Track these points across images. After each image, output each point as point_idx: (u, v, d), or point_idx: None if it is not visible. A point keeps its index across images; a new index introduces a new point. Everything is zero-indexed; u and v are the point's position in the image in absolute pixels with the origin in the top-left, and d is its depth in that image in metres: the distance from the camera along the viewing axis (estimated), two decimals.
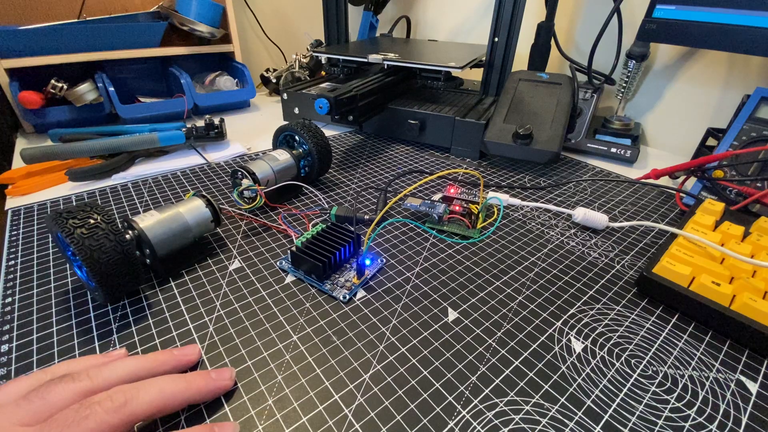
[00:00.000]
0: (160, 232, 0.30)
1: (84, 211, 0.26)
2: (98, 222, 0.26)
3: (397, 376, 0.24)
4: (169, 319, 0.27)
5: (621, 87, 0.65)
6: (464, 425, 0.21)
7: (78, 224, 0.25)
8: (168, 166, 0.50)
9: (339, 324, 0.28)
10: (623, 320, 0.29)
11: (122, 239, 0.26)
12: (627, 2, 0.57)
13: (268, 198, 0.38)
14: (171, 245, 0.31)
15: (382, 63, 0.60)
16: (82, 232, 0.25)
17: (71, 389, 0.19)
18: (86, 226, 0.25)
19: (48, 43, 0.57)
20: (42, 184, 0.44)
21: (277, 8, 0.93)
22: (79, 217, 0.25)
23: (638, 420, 0.22)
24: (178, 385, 0.21)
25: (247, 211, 0.39)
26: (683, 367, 0.25)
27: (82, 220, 0.25)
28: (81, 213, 0.26)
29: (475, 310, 0.29)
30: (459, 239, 0.37)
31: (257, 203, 0.37)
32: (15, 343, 0.25)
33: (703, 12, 0.47)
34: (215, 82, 0.73)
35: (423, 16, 0.93)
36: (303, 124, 0.43)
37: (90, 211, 0.26)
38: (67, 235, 0.24)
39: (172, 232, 0.31)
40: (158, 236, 0.30)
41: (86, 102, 0.57)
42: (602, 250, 0.36)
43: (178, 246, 0.32)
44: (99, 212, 0.26)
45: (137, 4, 0.72)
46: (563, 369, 0.25)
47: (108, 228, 0.26)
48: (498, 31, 0.57)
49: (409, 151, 0.57)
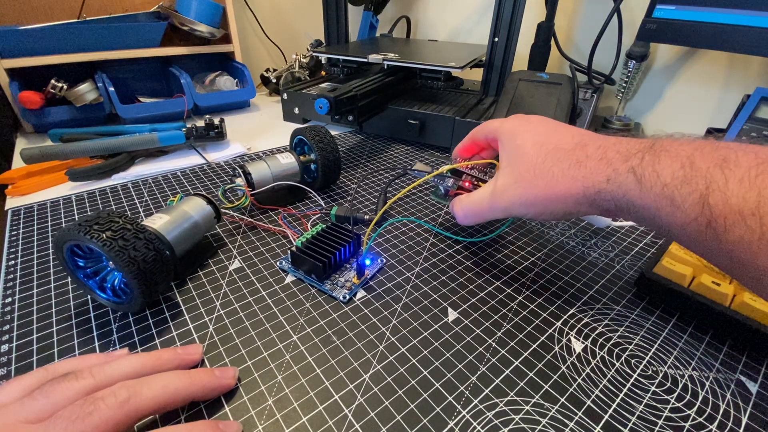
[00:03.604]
0: (175, 231, 0.30)
1: (102, 217, 0.25)
2: (123, 224, 0.25)
3: (397, 376, 0.24)
4: (169, 319, 0.27)
5: (621, 87, 0.65)
6: (464, 425, 0.21)
7: (104, 228, 0.24)
8: (168, 166, 0.50)
9: (339, 324, 0.28)
10: (623, 320, 0.29)
11: (151, 236, 0.26)
12: (627, 2, 0.57)
13: (261, 200, 0.38)
14: (187, 244, 0.31)
15: (382, 63, 0.60)
16: (111, 235, 0.24)
17: (75, 387, 0.19)
18: (113, 229, 0.24)
19: (48, 43, 0.57)
20: (42, 184, 0.44)
21: (277, 8, 0.93)
22: (101, 222, 0.24)
23: (638, 420, 0.22)
24: (182, 381, 0.21)
25: (232, 210, 0.39)
26: (683, 367, 0.25)
27: (105, 224, 0.24)
28: (101, 219, 0.25)
29: (475, 310, 0.29)
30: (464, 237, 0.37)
31: (241, 203, 0.37)
32: (15, 343, 0.25)
33: (703, 12, 0.47)
34: (215, 82, 0.73)
35: (423, 16, 0.93)
36: (316, 132, 0.42)
37: (109, 216, 0.25)
38: (97, 241, 0.23)
39: (185, 231, 0.31)
40: (174, 236, 0.30)
41: (86, 102, 0.57)
42: (602, 250, 0.36)
43: (192, 244, 0.32)
44: (119, 215, 0.26)
45: (137, 4, 0.72)
46: (563, 369, 0.25)
47: (134, 228, 0.25)
48: (498, 31, 0.57)
49: (409, 151, 0.57)
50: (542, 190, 0.25)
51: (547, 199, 0.25)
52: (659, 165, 0.20)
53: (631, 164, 0.22)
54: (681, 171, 0.19)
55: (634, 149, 0.22)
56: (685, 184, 0.19)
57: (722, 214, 0.18)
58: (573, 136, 0.26)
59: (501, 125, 0.30)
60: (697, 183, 0.19)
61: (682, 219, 0.19)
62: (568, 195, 0.24)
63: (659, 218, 0.21)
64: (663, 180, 0.20)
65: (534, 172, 0.26)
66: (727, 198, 0.18)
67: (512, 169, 0.27)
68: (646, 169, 0.21)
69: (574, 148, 0.25)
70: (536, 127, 0.28)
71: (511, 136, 0.29)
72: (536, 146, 0.27)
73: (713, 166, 0.19)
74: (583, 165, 0.24)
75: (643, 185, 0.21)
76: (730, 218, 0.18)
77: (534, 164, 0.26)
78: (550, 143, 0.26)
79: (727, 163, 0.18)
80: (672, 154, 0.20)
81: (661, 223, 0.21)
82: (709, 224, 0.18)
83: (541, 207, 0.26)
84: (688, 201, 0.19)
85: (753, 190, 0.17)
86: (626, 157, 0.22)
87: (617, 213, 0.23)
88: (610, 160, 0.23)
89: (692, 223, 0.19)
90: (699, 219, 0.19)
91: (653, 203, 0.20)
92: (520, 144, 0.27)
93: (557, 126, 0.28)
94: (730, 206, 0.17)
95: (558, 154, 0.25)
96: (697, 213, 0.19)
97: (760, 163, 0.18)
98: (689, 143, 0.20)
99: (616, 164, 0.22)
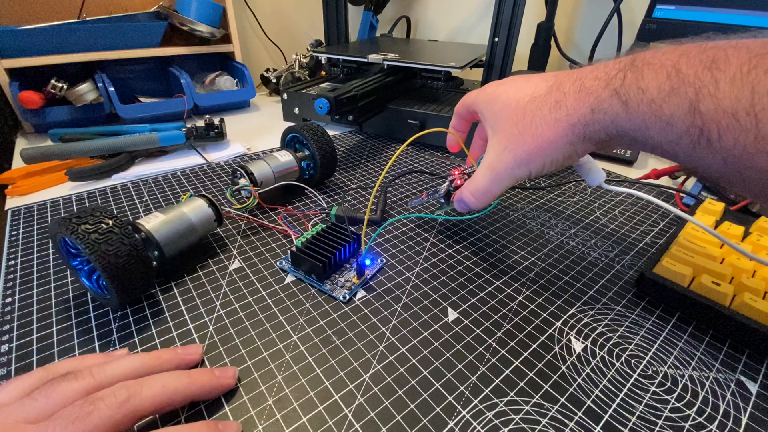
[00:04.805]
0: (167, 233, 0.30)
1: (94, 216, 0.26)
2: (111, 227, 0.25)
3: (397, 376, 0.24)
4: (169, 319, 0.27)
5: None
6: (464, 425, 0.21)
7: (91, 229, 0.24)
8: (168, 166, 0.50)
9: (339, 324, 0.28)
10: (623, 320, 0.29)
11: (136, 242, 0.26)
12: (627, 2, 0.57)
13: (264, 199, 0.38)
14: (178, 246, 0.31)
15: (382, 63, 0.60)
16: (97, 238, 0.24)
17: (75, 387, 0.19)
18: (100, 231, 0.25)
19: (48, 43, 0.57)
20: (42, 184, 0.44)
21: (277, 8, 0.93)
22: (90, 222, 0.25)
23: (638, 420, 0.22)
24: (182, 381, 0.21)
25: (242, 211, 0.39)
26: (683, 367, 0.25)
27: (94, 225, 0.25)
28: (92, 218, 0.25)
29: (475, 310, 0.29)
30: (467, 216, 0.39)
31: (250, 203, 0.37)
32: (15, 343, 0.25)
33: (703, 12, 0.47)
34: (215, 82, 0.73)
35: (423, 16, 0.93)
36: (309, 127, 0.43)
37: (101, 216, 0.26)
38: (81, 241, 0.24)
39: (178, 233, 0.31)
40: (165, 237, 0.30)
41: (86, 102, 0.57)
42: (602, 250, 0.36)
43: (185, 246, 0.32)
44: (109, 216, 0.26)
45: (137, 4, 0.72)
46: (563, 369, 0.25)
47: (121, 232, 0.25)
48: (498, 31, 0.57)
49: (409, 151, 0.57)
50: (531, 144, 0.24)
51: (539, 150, 0.24)
52: (643, 81, 0.19)
53: (614, 87, 0.20)
54: (667, 82, 0.18)
55: (613, 70, 0.21)
56: (673, 95, 0.18)
57: (714, 120, 0.16)
58: (547, 79, 0.25)
59: (477, 97, 0.29)
60: (685, 91, 0.17)
61: (674, 133, 0.18)
62: (557, 139, 0.23)
63: (651, 137, 0.19)
64: (649, 96, 0.18)
65: (518, 129, 0.25)
66: (718, 101, 0.16)
67: (498, 136, 0.26)
68: (630, 88, 0.19)
69: (549, 91, 0.24)
70: (508, 86, 0.27)
71: (487, 105, 0.28)
72: (513, 104, 0.26)
73: (701, 69, 0.17)
74: (562, 104, 0.23)
75: (629, 106, 0.19)
76: (723, 122, 0.16)
77: (515, 122, 0.25)
78: (525, 95, 0.25)
79: (716, 64, 0.17)
80: (656, 66, 0.19)
81: (654, 142, 0.19)
82: (702, 133, 0.17)
83: (538, 161, 0.25)
84: (677, 113, 0.17)
85: (746, 88, 0.15)
86: (606, 81, 0.21)
87: (611, 142, 0.22)
88: (590, 90, 0.21)
89: (684, 136, 0.18)
90: (691, 130, 0.17)
91: (642, 122, 0.19)
92: (497, 109, 0.27)
93: (529, 77, 0.27)
94: (723, 109, 0.16)
95: (535, 103, 0.24)
96: (688, 124, 0.17)
97: (752, 57, 0.16)
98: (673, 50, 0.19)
99: (597, 92, 0.21)
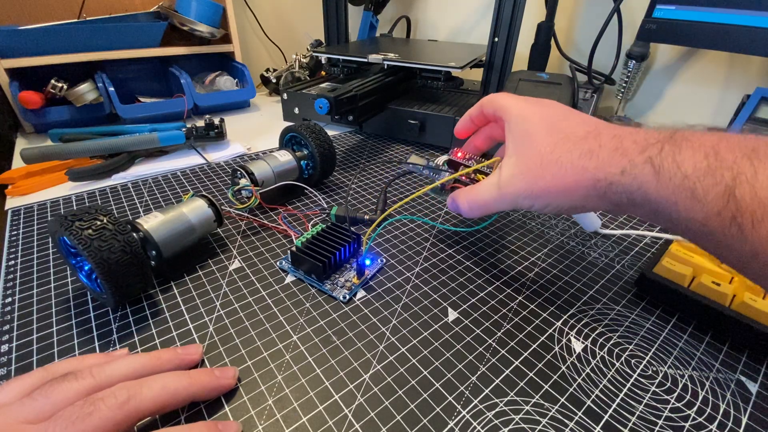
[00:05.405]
0: (166, 233, 0.30)
1: (89, 213, 0.26)
2: (105, 223, 0.25)
3: (397, 376, 0.24)
4: (169, 319, 0.27)
5: (621, 87, 0.65)
6: (464, 425, 0.21)
7: (85, 226, 0.25)
8: (168, 166, 0.50)
9: (339, 324, 0.28)
10: (623, 320, 0.29)
11: (130, 239, 0.26)
12: (627, 2, 0.57)
13: (265, 199, 0.38)
14: (176, 246, 0.31)
15: (382, 63, 0.60)
16: (90, 234, 0.24)
17: (75, 388, 0.19)
18: (93, 228, 0.25)
19: (48, 43, 0.57)
20: (42, 184, 0.44)
21: (277, 8, 0.93)
22: (85, 219, 0.25)
23: (638, 420, 0.22)
24: (182, 382, 0.21)
25: (243, 211, 0.39)
26: (683, 367, 0.25)
27: (88, 222, 0.25)
28: (86, 215, 0.25)
29: (475, 310, 0.29)
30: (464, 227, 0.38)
31: (251, 203, 0.37)
32: (15, 343, 0.25)
33: (703, 12, 0.47)
34: (215, 82, 0.73)
35: (423, 16, 0.93)
36: (307, 126, 0.43)
37: (95, 213, 0.26)
38: (74, 238, 0.24)
39: (177, 233, 0.31)
40: (164, 237, 0.30)
41: (86, 102, 0.57)
42: (602, 250, 0.36)
43: (183, 247, 0.32)
44: (104, 214, 0.26)
45: (137, 4, 0.72)
46: (563, 369, 0.25)
47: (115, 228, 0.25)
48: (498, 31, 0.57)
49: (409, 151, 0.57)
50: (549, 182, 0.24)
51: (554, 191, 0.24)
52: (680, 155, 0.19)
53: (649, 154, 0.20)
54: (704, 161, 0.18)
55: (652, 139, 0.20)
56: (708, 176, 0.17)
57: (749, 208, 0.16)
58: (586, 123, 0.25)
59: (510, 106, 0.28)
60: (722, 174, 0.17)
61: (704, 213, 0.18)
62: (576, 187, 0.23)
63: (676, 213, 0.19)
64: (684, 171, 0.18)
65: (541, 161, 0.24)
66: (756, 191, 0.16)
67: (518, 158, 0.26)
68: (666, 159, 0.19)
69: (586, 137, 0.23)
70: (547, 112, 0.26)
71: (519, 120, 0.27)
72: (545, 134, 0.25)
73: (741, 156, 0.17)
74: (595, 155, 0.22)
75: (661, 177, 0.19)
76: (758, 212, 0.16)
77: (541, 153, 0.24)
78: (561, 131, 0.24)
79: (756, 154, 0.17)
80: (694, 144, 0.19)
81: (679, 218, 0.19)
82: (734, 219, 0.17)
83: (546, 200, 0.24)
84: (711, 193, 0.17)
85: None
86: (643, 147, 0.20)
87: (628, 208, 0.22)
88: (626, 150, 0.21)
89: (714, 218, 0.17)
90: (723, 213, 0.17)
91: (671, 196, 0.19)
92: (528, 130, 0.26)
93: (569, 112, 0.26)
94: (760, 199, 0.16)
95: (568, 144, 0.24)
96: (720, 207, 0.17)
97: None
98: (713, 134, 0.19)
99: (632, 155, 0.21)
